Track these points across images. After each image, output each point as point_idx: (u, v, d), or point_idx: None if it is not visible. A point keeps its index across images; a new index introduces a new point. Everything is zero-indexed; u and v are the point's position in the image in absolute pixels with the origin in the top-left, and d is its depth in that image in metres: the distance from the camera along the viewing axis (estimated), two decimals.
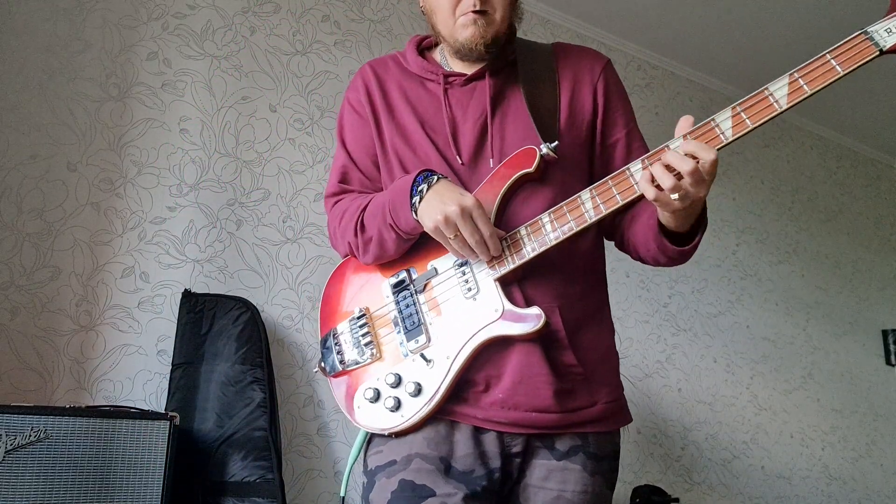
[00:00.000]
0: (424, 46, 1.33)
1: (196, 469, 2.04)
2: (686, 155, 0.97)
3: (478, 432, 1.10)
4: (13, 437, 1.70)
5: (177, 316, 2.27)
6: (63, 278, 2.19)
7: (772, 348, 3.91)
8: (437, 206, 1.05)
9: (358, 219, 1.20)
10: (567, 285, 1.14)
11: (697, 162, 0.95)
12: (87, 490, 1.74)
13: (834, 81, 0.94)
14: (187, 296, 2.29)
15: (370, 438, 1.18)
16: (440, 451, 1.09)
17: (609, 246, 1.31)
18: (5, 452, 1.69)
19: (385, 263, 1.22)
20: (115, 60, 2.43)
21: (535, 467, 1.11)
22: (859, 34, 0.93)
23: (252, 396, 2.15)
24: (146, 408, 2.14)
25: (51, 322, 2.15)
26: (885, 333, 4.49)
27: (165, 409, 2.14)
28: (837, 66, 0.93)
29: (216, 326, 2.25)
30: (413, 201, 1.09)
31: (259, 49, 2.71)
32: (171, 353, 2.24)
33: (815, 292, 4.25)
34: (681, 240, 1.09)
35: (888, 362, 4.45)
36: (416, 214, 1.09)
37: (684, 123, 1.01)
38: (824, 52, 0.94)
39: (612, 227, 1.26)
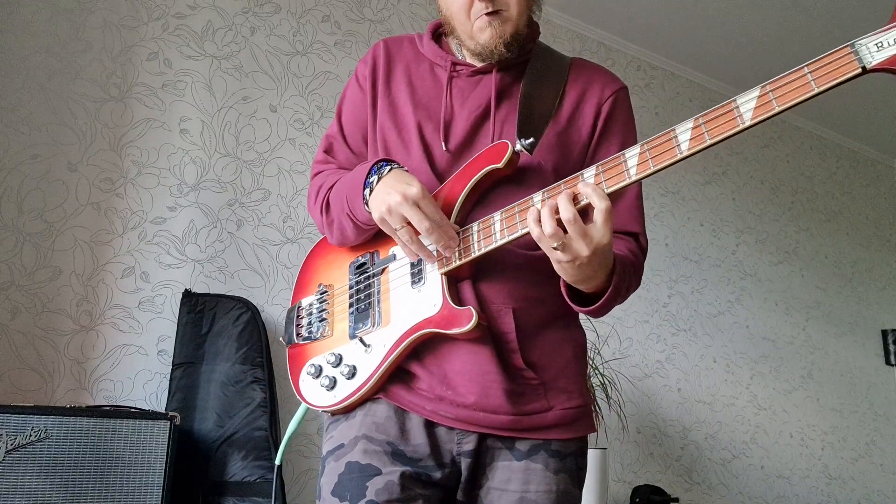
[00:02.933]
0: (442, 32, 1.31)
1: (196, 469, 2.04)
2: (576, 197, 0.95)
3: (429, 425, 1.08)
4: (13, 437, 1.71)
5: (177, 316, 2.28)
6: (63, 278, 2.20)
7: (771, 348, 3.91)
8: (383, 198, 1.04)
9: (325, 197, 1.20)
10: (527, 288, 1.11)
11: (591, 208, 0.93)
12: (88, 490, 1.75)
13: (807, 99, 0.85)
14: (188, 296, 2.30)
15: (326, 426, 1.18)
16: (389, 436, 1.07)
17: None
18: (6, 452, 1.69)
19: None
20: (115, 61, 2.43)
21: (497, 469, 1.08)
22: (844, 47, 0.83)
23: (252, 396, 2.15)
24: (146, 408, 2.15)
25: (51, 322, 2.15)
26: (884, 333, 4.50)
27: (166, 409, 2.14)
28: (813, 83, 0.84)
29: (216, 326, 2.25)
30: (364, 194, 1.09)
31: (259, 49, 2.71)
32: (172, 353, 2.24)
33: (814, 292, 4.26)
34: (590, 296, 1.06)
35: (888, 362, 4.45)
36: (368, 207, 1.08)
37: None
38: (802, 66, 0.86)
39: None
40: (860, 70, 0.82)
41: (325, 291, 1.23)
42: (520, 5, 1.16)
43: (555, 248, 0.95)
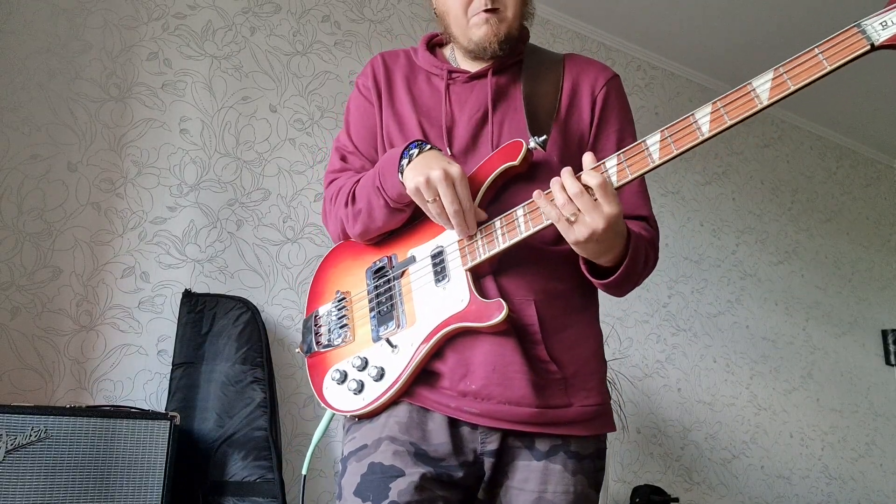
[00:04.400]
0: (435, 43, 1.35)
1: (196, 469, 2.04)
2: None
3: (452, 424, 1.09)
4: (13, 437, 1.71)
5: (177, 316, 2.28)
6: (63, 278, 2.20)
7: (771, 348, 3.91)
8: (422, 169, 1.06)
9: (350, 191, 1.22)
10: (547, 282, 1.13)
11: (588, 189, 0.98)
12: (88, 490, 1.75)
13: (820, 77, 0.89)
14: (188, 296, 2.30)
15: (347, 427, 1.18)
16: (412, 437, 1.08)
17: None
18: (6, 452, 1.69)
19: (370, 249, 1.24)
20: (115, 61, 2.43)
21: (517, 469, 1.10)
22: (851, 27, 0.87)
23: (252, 396, 2.15)
24: (146, 408, 2.15)
25: (51, 322, 2.15)
26: (884, 333, 4.50)
27: (166, 409, 2.15)
28: (825, 61, 0.88)
29: (216, 326, 2.25)
30: (401, 164, 1.10)
31: (259, 49, 2.71)
32: (172, 353, 2.24)
33: (814, 292, 4.26)
34: (609, 269, 1.09)
35: (888, 362, 4.45)
36: (402, 177, 1.10)
37: (587, 161, 1.02)
38: (813, 46, 0.89)
39: None
40: (869, 47, 0.86)
41: (343, 298, 1.23)
42: (516, 7, 1.20)
43: (571, 223, 0.98)
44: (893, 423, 4.36)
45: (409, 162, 1.09)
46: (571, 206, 0.98)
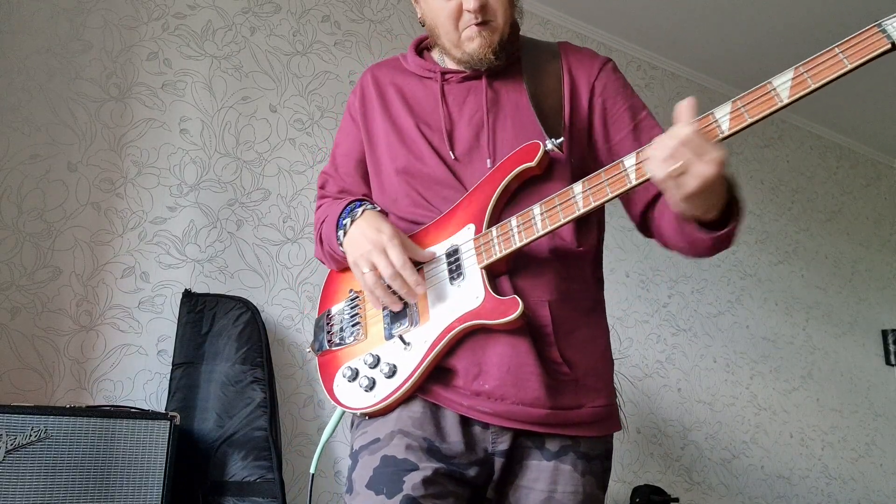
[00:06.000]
0: (424, 46, 1.35)
1: (196, 469, 2.04)
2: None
3: (465, 422, 1.09)
4: (13, 437, 1.71)
5: (177, 316, 2.27)
6: (63, 278, 2.20)
7: (771, 348, 3.91)
8: (354, 245, 1.13)
9: (318, 231, 1.29)
10: (561, 282, 1.13)
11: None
12: (88, 490, 1.75)
13: (841, 76, 0.90)
14: (188, 296, 2.30)
15: (357, 423, 1.18)
16: (425, 432, 1.08)
17: (608, 246, 1.31)
18: (5, 452, 1.69)
19: None
20: (115, 61, 2.43)
21: (528, 469, 1.10)
22: (872, 27, 0.89)
23: (252, 396, 2.15)
24: (146, 408, 2.15)
25: (51, 322, 2.15)
26: (884, 333, 4.49)
27: (166, 409, 2.14)
28: (845, 60, 0.89)
29: (216, 326, 2.25)
30: (339, 235, 1.17)
31: (259, 49, 2.71)
32: (172, 353, 2.24)
33: (814, 292, 4.25)
34: (713, 225, 1.03)
35: (888, 362, 4.45)
36: (343, 248, 1.16)
37: (683, 111, 0.96)
38: (833, 46, 0.91)
39: (642, 219, 1.21)
40: (889, 46, 0.87)
41: (356, 297, 1.23)
42: (505, 14, 1.19)
43: (681, 174, 0.92)
44: (893, 423, 4.36)
45: (345, 234, 1.16)
46: (676, 158, 0.92)
